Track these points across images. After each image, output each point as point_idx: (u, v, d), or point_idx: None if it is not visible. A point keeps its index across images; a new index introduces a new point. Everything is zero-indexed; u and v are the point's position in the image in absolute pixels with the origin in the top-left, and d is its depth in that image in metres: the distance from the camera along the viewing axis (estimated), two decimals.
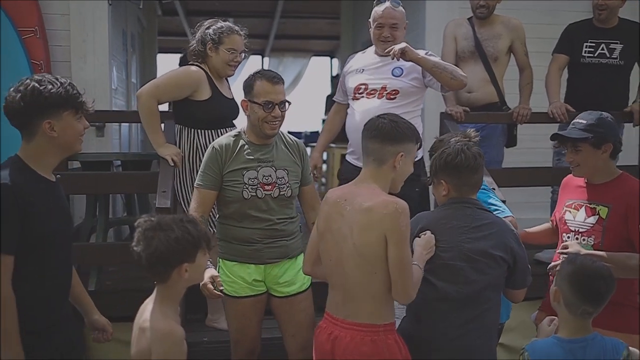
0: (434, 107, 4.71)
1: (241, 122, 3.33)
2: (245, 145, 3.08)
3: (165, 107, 4.09)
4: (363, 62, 3.93)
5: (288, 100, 3.10)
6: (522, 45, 4.60)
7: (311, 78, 16.02)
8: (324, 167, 7.90)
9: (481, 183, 2.78)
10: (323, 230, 2.61)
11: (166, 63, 11.41)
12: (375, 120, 2.60)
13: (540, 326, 2.64)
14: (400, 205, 2.44)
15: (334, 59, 15.21)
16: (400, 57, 3.61)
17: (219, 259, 3.14)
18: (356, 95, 3.86)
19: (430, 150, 3.09)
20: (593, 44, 4.56)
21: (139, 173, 4.59)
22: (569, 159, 3.01)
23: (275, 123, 3.06)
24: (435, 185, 2.75)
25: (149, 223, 2.16)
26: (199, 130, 3.75)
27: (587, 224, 2.95)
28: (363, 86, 3.84)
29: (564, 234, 3.05)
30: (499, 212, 3.00)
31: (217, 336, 3.70)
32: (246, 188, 3.03)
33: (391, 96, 3.76)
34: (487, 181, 3.31)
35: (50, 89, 2.33)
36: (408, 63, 3.73)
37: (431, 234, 2.63)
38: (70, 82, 2.42)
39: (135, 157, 5.18)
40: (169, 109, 4.14)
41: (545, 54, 4.76)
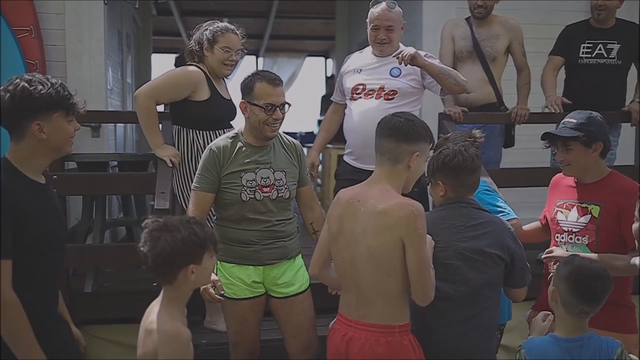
0: (431, 108, 4.70)
1: (239, 123, 3.31)
2: (243, 147, 3.06)
3: (161, 107, 4.06)
4: (361, 62, 3.91)
5: (288, 102, 3.08)
6: (520, 45, 4.61)
7: (306, 78, 16.03)
8: (320, 168, 7.86)
9: (478, 184, 2.78)
10: (336, 232, 2.58)
11: (161, 63, 11.37)
12: (390, 119, 2.56)
13: (534, 321, 2.65)
14: (416, 207, 2.42)
15: (328, 60, 15.21)
16: (408, 63, 3.61)
17: (217, 260, 3.11)
18: (354, 95, 3.85)
19: (433, 149, 3.08)
20: (591, 45, 4.58)
21: (136, 174, 4.56)
22: (559, 157, 3.01)
23: (276, 125, 3.04)
24: (433, 186, 2.74)
25: (155, 224, 2.15)
26: (197, 131, 3.71)
27: (580, 224, 2.95)
28: (361, 86, 3.82)
29: (557, 234, 3.06)
30: (504, 215, 2.99)
31: (216, 338, 3.68)
32: (244, 190, 3.01)
33: (389, 96, 3.75)
34: (487, 182, 3.30)
35: (40, 90, 2.26)
36: None
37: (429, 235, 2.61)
38: (62, 83, 2.35)
39: (132, 158, 5.15)
40: (164, 109, 4.11)
41: (543, 55, 4.77)
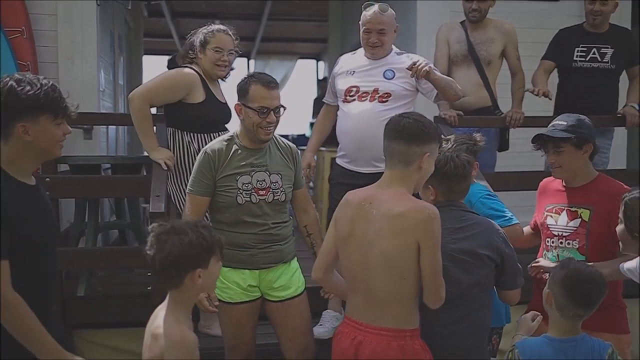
0: (425, 111, 4.66)
1: (234, 126, 3.29)
2: (239, 150, 3.04)
3: (155, 110, 4.03)
4: (353, 64, 3.89)
5: (283, 106, 3.06)
6: (515, 49, 4.62)
7: (297, 81, 16.01)
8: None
9: (468, 190, 2.79)
10: (347, 234, 2.54)
11: (152, 65, 11.32)
12: (399, 120, 2.53)
13: (522, 319, 2.66)
14: (432, 210, 2.42)
15: (320, 62, 15.21)
16: (422, 77, 3.64)
17: None
18: (347, 97, 3.83)
19: None
20: (585, 49, 4.60)
21: (130, 177, 4.53)
22: (550, 160, 3.02)
23: (270, 128, 3.02)
24: (423, 190, 2.73)
25: (162, 227, 2.14)
26: (191, 134, 3.68)
27: (570, 228, 2.96)
28: (354, 89, 3.80)
29: (547, 238, 3.06)
30: (507, 220, 3.00)
31: (211, 342, 3.64)
32: (240, 193, 2.99)
33: (383, 99, 3.73)
34: (483, 185, 3.30)
35: (27, 91, 2.20)
36: (400, 65, 3.73)
37: None
38: (53, 84, 2.28)
39: (126, 161, 5.13)
40: (156, 111, 4.08)
41: (537, 58, 4.78)
